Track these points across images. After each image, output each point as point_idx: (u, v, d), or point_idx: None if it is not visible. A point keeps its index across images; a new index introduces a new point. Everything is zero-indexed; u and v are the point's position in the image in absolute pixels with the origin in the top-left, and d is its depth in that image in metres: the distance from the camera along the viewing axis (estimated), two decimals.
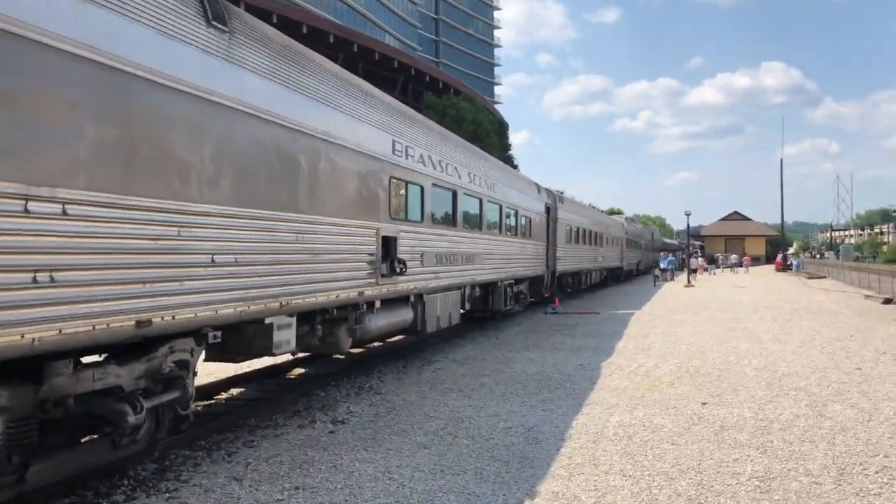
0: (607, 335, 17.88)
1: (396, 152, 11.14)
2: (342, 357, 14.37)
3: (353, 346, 11.47)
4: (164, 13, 6.03)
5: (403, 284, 11.41)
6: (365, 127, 9.99)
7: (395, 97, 14.27)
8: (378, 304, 10.79)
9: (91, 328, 5.25)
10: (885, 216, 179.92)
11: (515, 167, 55.05)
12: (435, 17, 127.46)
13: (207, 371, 11.49)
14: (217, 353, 8.31)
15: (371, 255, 10.21)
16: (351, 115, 9.57)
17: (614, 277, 46.67)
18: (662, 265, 58.91)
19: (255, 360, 10.23)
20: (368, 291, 10.13)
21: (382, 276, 10.51)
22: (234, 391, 11.22)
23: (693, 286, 41.54)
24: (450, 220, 14.20)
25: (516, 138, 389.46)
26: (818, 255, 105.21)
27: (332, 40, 54.74)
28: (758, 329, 18.78)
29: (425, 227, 12.43)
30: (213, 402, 10.32)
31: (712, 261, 72.11)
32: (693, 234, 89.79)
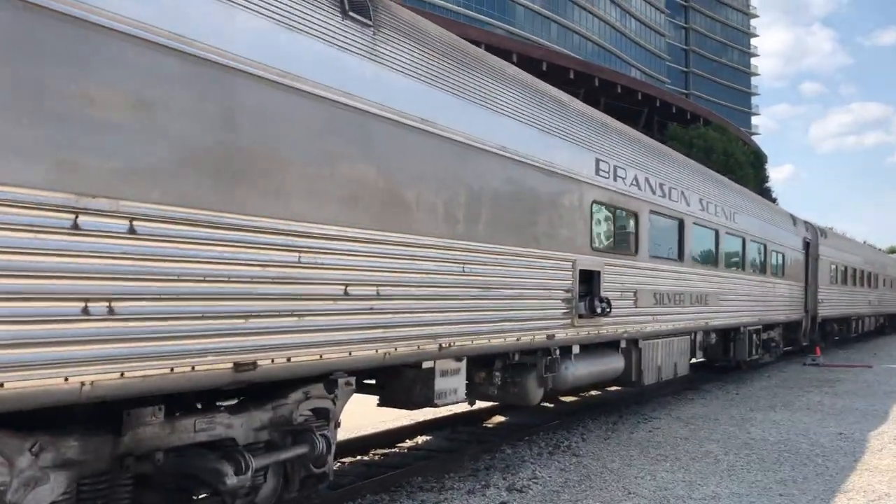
0: (880, 395, 14.65)
1: (601, 173, 9.60)
2: (550, 406, 12.88)
3: (547, 398, 10.00)
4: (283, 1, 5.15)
5: (609, 327, 9.75)
6: (556, 141, 8.60)
7: (640, 131, 12.78)
8: (576, 349, 9.23)
9: (168, 371, 4.36)
10: None
11: (774, 201, 50.10)
12: (685, 47, 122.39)
13: (395, 416, 10.60)
14: (383, 400, 7.32)
15: (566, 291, 8.72)
16: (537, 127, 8.23)
17: (894, 324, 40.37)
18: None
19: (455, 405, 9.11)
20: (561, 334, 8.63)
21: (580, 316, 8.96)
22: (421, 439, 10.19)
23: None
24: (674, 254, 12.26)
25: (779, 173, 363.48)
26: None
27: (572, 76, 54.02)
28: None
29: (640, 260, 10.68)
30: (388, 451, 9.33)
31: None
32: None
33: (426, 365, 6.69)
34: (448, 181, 6.74)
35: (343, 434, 10.15)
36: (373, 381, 7.33)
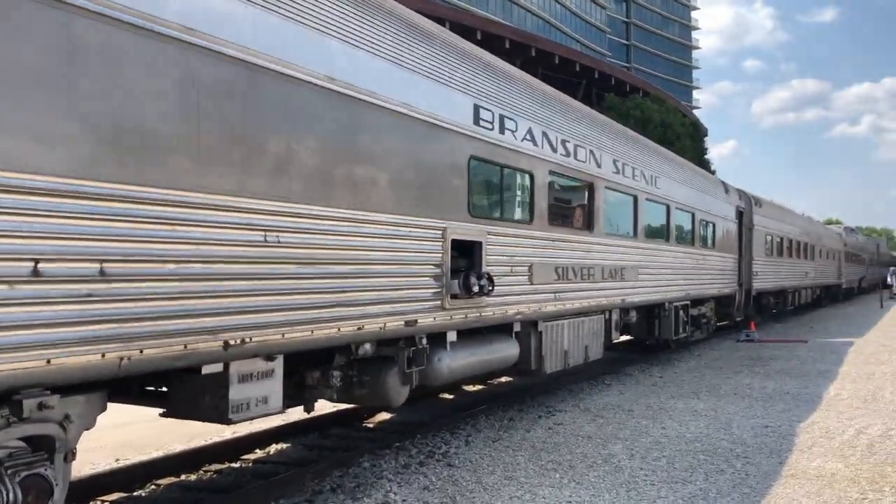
0: (814, 375, 13.42)
1: (482, 122, 7.93)
2: (449, 398, 11.29)
3: (417, 394, 8.38)
4: None
5: (496, 309, 8.13)
6: (416, 78, 6.88)
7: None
8: (452, 336, 7.59)
9: None
10: None
11: (713, 172, 49.23)
12: (626, 20, 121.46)
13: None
14: (169, 411, 5.58)
15: (434, 266, 7.05)
16: (387, 58, 6.49)
17: (830, 296, 39.96)
18: (890, 280, 50.88)
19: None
20: (426, 320, 6.97)
21: (454, 297, 7.31)
22: (276, 448, 8.47)
23: None
24: (582, 223, 10.72)
25: (723, 148, 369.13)
26: None
27: (508, 45, 52.35)
28: None
29: (537, 230, 9.07)
30: (223, 467, 7.58)
31: None
32: None
33: (209, 369, 4.94)
34: (230, 115, 4.93)
35: (181, 442, 8.42)
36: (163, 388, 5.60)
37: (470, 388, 12.12)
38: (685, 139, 53.69)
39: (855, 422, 9.25)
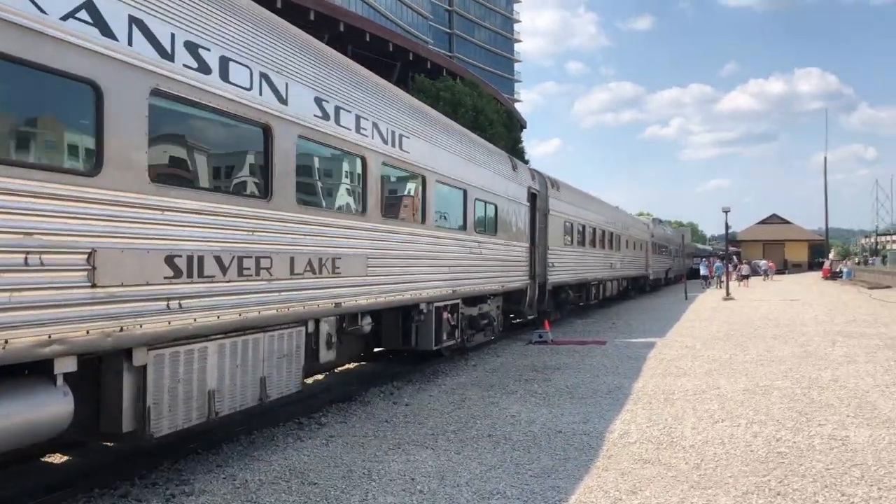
0: (602, 395, 10.42)
1: None
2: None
3: None
4: None
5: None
6: None
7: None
8: None
9: None
10: None
11: (526, 162, 47.20)
12: (449, 8, 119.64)
13: None
14: None
15: None
16: None
17: (638, 288, 38.92)
18: (704, 272, 51.74)
19: None
20: None
21: None
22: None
23: (733, 299, 33.71)
24: (243, 187, 6.94)
25: (549, 146, 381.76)
26: (861, 262, 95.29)
27: (312, 17, 47.95)
28: (856, 380, 11.19)
29: (104, 189, 5.09)
30: None
31: (754, 269, 62.84)
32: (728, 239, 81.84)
33: None
34: None
35: None
36: None
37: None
38: (498, 126, 51.59)
39: (637, 498, 6.04)
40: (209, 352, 6.27)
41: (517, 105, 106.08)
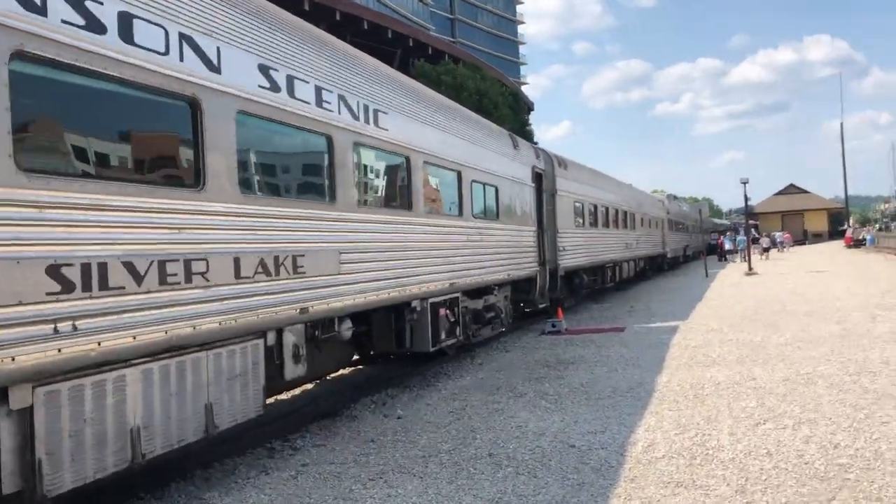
0: (622, 394, 9.14)
1: None
2: None
3: None
4: None
5: None
6: None
7: None
8: None
9: None
10: None
11: (535, 143, 45.73)
12: None
13: None
14: None
15: None
16: None
17: (655, 267, 37.47)
18: (728, 245, 50.70)
19: None
20: None
21: None
22: None
23: (756, 273, 32.21)
24: (185, 176, 5.70)
25: (559, 129, 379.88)
26: (883, 228, 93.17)
27: (307, 7, 46.69)
28: None
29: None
30: None
31: (773, 241, 60.99)
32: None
33: None
34: None
35: None
36: None
37: None
38: (504, 108, 50.09)
39: None
40: (129, 381, 5.04)
41: (524, 88, 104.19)
